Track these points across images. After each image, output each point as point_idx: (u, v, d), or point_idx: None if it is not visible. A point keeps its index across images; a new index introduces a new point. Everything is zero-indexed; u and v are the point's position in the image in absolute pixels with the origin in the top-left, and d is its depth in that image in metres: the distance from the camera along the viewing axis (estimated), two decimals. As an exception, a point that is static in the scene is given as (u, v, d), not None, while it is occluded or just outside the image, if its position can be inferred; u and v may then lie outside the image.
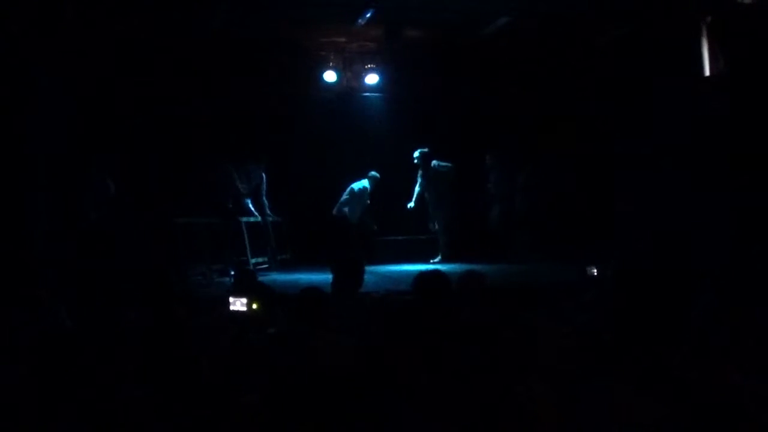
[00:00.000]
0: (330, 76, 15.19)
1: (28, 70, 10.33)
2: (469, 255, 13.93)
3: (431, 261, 14.26)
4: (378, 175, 14.75)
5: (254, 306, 5.67)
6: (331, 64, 15.16)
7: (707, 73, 12.15)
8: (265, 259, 13.72)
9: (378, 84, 15.65)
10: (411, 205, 14.82)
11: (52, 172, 10.79)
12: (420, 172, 14.74)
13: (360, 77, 15.58)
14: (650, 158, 12.65)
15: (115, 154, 12.18)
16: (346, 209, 14.45)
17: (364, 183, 14.67)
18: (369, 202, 14.74)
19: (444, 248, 14.58)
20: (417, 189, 14.83)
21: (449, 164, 14.77)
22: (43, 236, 10.33)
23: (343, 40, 14.53)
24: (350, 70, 15.51)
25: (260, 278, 9.62)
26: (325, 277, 8.95)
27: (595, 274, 8.04)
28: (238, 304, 5.73)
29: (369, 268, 8.50)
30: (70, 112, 11.19)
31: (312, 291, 5.53)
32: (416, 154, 14.67)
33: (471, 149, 15.46)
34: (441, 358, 4.32)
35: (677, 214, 11.76)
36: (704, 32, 12.22)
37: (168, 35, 12.86)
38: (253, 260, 13.24)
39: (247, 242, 13.39)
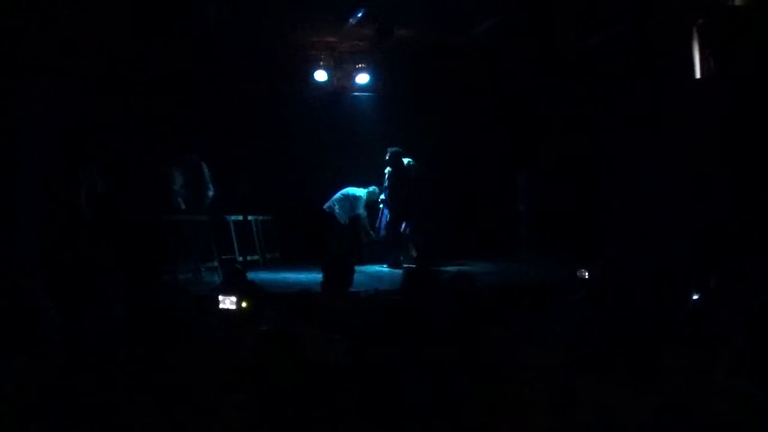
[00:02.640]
0: (321, 75, 15.15)
1: (20, 69, 10.32)
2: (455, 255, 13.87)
3: (385, 265, 14.25)
4: (377, 190, 14.61)
5: (244, 304, 5.66)
6: (321, 63, 15.12)
7: (698, 75, 12.18)
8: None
9: (368, 84, 15.64)
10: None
11: (44, 169, 10.78)
12: (391, 171, 14.44)
13: (350, 77, 15.55)
14: (639, 159, 12.68)
15: (105, 152, 12.15)
16: (336, 208, 14.35)
17: (361, 193, 14.52)
18: (363, 212, 14.61)
19: (415, 249, 14.40)
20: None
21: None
22: (35, 234, 10.32)
23: (334, 39, 14.51)
24: (341, 69, 15.47)
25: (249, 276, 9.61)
26: (314, 276, 8.97)
27: (587, 276, 8.03)
28: (227, 303, 5.72)
29: (358, 268, 8.51)
30: (62, 111, 11.18)
31: (305, 293, 5.56)
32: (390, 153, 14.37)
33: (462, 150, 15.55)
34: (430, 357, 4.32)
35: (667, 214, 11.79)
36: (695, 34, 12.25)
37: (159, 34, 12.82)
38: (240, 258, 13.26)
39: (234, 240, 13.39)
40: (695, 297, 6.24)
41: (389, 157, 13.83)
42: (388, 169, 14.13)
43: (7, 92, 10.21)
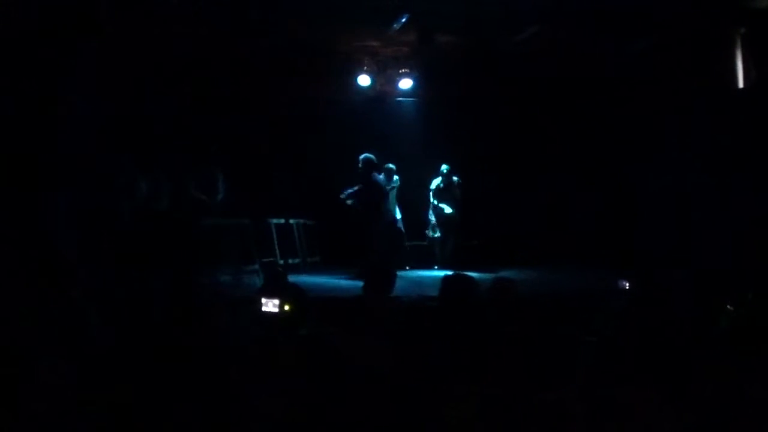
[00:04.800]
0: (364, 80, 15.22)
1: (60, 69, 10.41)
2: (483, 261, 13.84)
3: (435, 267, 14.35)
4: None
5: (286, 308, 5.69)
6: (365, 68, 15.19)
7: (741, 84, 12.11)
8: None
9: (412, 89, 15.69)
10: (450, 210, 14.57)
11: (83, 170, 10.86)
12: (442, 181, 14.49)
13: (394, 82, 15.61)
14: (678, 167, 12.63)
15: (146, 154, 12.22)
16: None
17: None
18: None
19: (450, 254, 14.42)
20: (435, 198, 14.64)
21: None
22: (74, 235, 10.40)
23: (377, 44, 14.55)
24: (384, 74, 15.53)
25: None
26: (354, 281, 9.00)
27: (627, 287, 8.01)
28: (270, 305, 5.76)
29: (400, 273, 8.49)
30: (101, 112, 11.26)
31: (346, 297, 5.59)
32: (445, 168, 14.45)
33: (503, 155, 15.59)
34: (470, 364, 4.35)
35: (706, 224, 11.73)
36: (738, 43, 12.19)
37: (201, 38, 12.92)
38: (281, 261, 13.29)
39: (276, 243, 13.44)
40: (731, 307, 6.22)
41: (360, 164, 13.30)
42: (435, 183, 14.27)
43: (44, 92, 10.30)
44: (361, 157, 13.27)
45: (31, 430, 3.86)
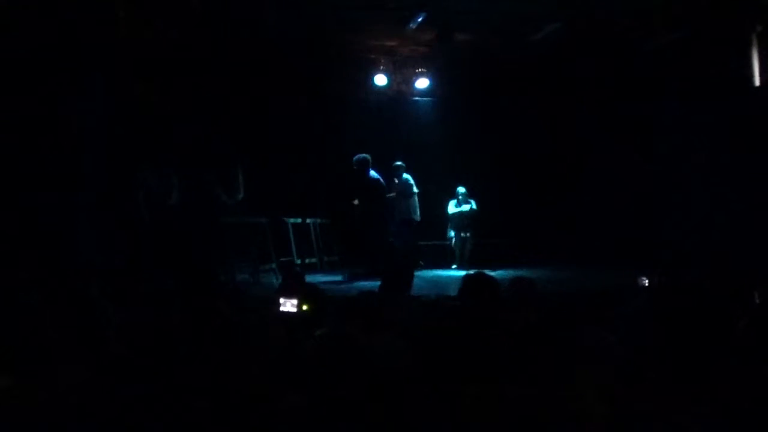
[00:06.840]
0: (381, 79, 15.24)
1: (76, 69, 10.43)
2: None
3: (453, 267, 14.37)
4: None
5: (305, 307, 5.68)
6: (381, 67, 15.20)
7: (757, 82, 12.05)
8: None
9: (428, 88, 15.69)
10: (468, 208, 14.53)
11: (102, 170, 10.88)
12: (458, 203, 14.53)
13: (410, 81, 15.64)
14: (699, 166, 12.59)
15: (163, 153, 12.22)
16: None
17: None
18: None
19: (469, 254, 14.48)
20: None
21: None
22: (93, 235, 10.42)
23: (394, 43, 14.54)
24: (401, 73, 15.55)
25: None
26: (372, 282, 8.97)
27: (647, 284, 7.97)
28: (288, 305, 5.75)
29: (417, 273, 8.49)
30: (119, 111, 11.28)
31: (363, 296, 5.57)
32: (461, 191, 14.55)
33: (520, 153, 15.58)
34: (488, 363, 4.33)
35: (725, 223, 11.69)
36: (754, 41, 12.13)
37: (218, 37, 12.93)
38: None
39: (293, 243, 13.44)
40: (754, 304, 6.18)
41: (355, 164, 13.10)
42: (452, 204, 14.39)
43: (64, 93, 10.32)
44: (355, 158, 13.11)
45: (45, 429, 3.86)
